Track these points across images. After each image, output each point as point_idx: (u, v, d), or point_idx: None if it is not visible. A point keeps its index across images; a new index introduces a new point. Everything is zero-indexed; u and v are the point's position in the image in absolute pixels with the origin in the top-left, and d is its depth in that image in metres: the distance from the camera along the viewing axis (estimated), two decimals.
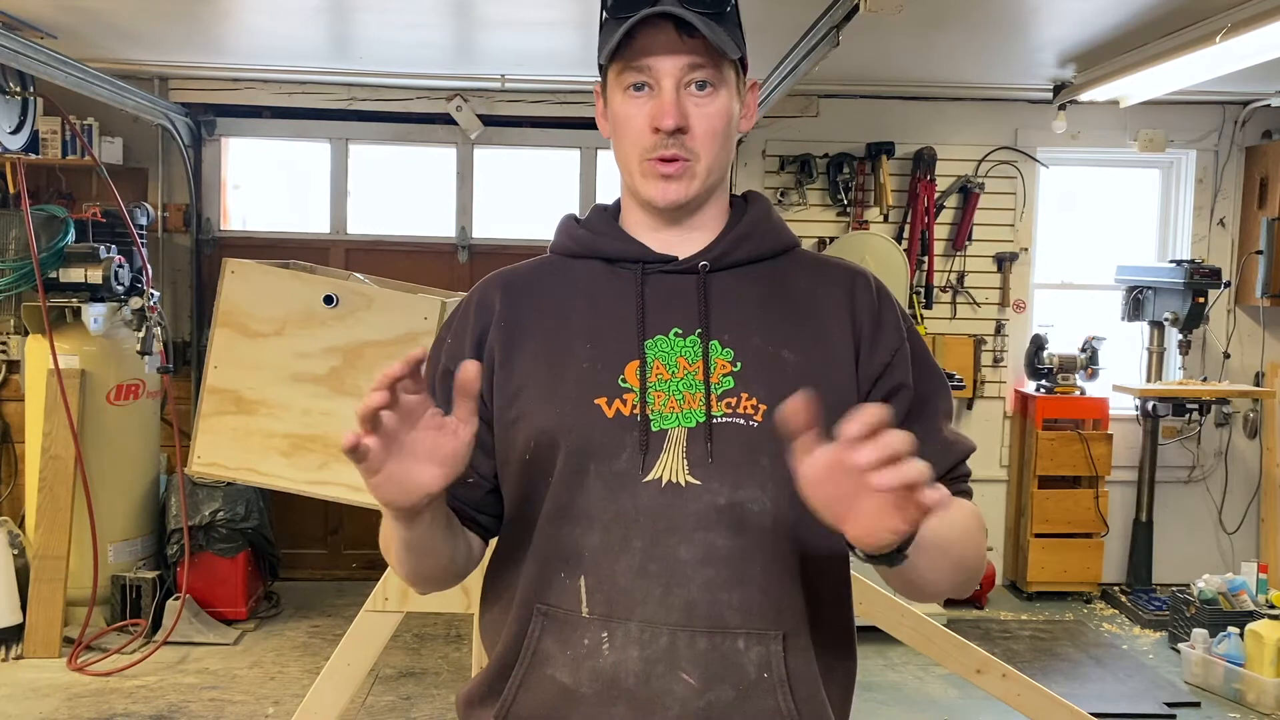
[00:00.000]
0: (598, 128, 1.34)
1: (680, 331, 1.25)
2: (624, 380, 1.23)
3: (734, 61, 1.25)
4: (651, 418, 1.21)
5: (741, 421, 1.21)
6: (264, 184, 5.92)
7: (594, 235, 1.32)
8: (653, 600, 1.18)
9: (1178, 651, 4.64)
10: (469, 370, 1.08)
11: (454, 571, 1.29)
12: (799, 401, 0.97)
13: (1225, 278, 5.43)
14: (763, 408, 1.21)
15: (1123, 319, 5.66)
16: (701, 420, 1.21)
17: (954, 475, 1.30)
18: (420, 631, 4.83)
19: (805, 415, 0.97)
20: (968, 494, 1.30)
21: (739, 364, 1.23)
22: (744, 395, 1.22)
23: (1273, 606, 4.63)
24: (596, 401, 1.22)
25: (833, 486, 0.98)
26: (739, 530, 1.19)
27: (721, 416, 1.21)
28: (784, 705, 1.20)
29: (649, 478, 1.20)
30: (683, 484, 1.20)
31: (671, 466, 1.20)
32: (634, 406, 1.22)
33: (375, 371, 2.84)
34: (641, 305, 1.26)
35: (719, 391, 1.22)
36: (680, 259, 1.28)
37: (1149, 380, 5.65)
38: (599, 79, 1.31)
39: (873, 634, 3.10)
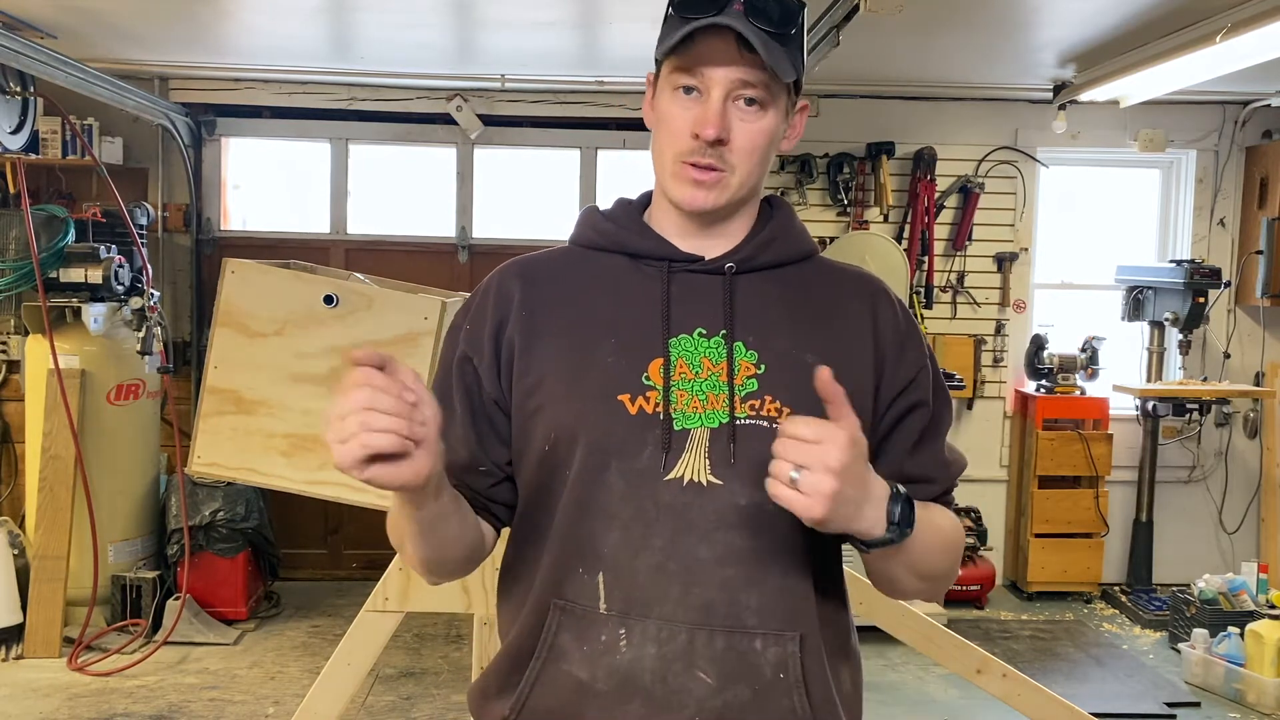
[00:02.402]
0: (594, 127, 1.35)
1: (704, 331, 1.25)
2: (647, 378, 1.23)
3: (787, 84, 1.25)
4: (674, 417, 1.21)
5: (765, 424, 1.21)
6: (264, 184, 5.91)
7: (619, 229, 1.32)
8: (671, 598, 1.19)
9: (1178, 651, 4.64)
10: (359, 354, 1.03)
11: (467, 557, 1.29)
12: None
13: (1225, 278, 5.43)
14: (786, 411, 1.22)
15: (1123, 319, 5.66)
16: (724, 421, 1.21)
17: (946, 494, 1.34)
18: (420, 631, 4.83)
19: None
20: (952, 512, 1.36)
21: (763, 366, 1.24)
22: (768, 398, 1.22)
23: (1273, 606, 4.63)
24: (620, 398, 1.22)
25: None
26: (758, 531, 1.20)
27: (745, 418, 1.21)
28: (799, 706, 1.20)
29: (670, 476, 1.20)
30: (704, 484, 1.20)
31: (693, 466, 1.20)
32: (657, 405, 1.21)
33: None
34: (667, 303, 1.26)
35: (743, 393, 1.22)
36: (706, 259, 1.28)
37: (1149, 380, 5.65)
38: (652, 69, 1.30)
39: (873, 634, 3.10)
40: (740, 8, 1.19)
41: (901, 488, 1.15)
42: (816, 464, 1.05)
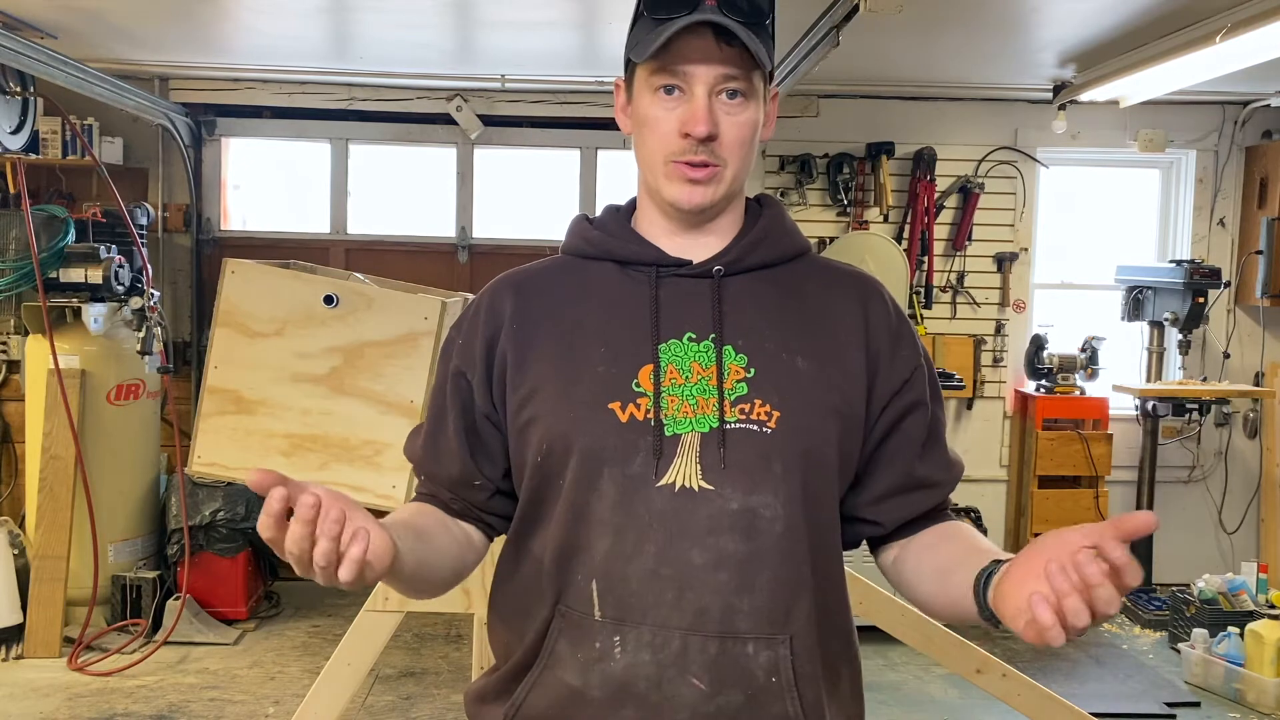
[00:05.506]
0: (594, 127, 1.35)
1: (694, 336, 1.25)
2: (638, 384, 1.23)
3: (764, 72, 1.25)
4: (665, 422, 1.21)
5: (755, 428, 1.21)
6: (264, 184, 5.91)
7: (607, 237, 1.32)
8: (665, 605, 1.19)
9: (1178, 651, 4.64)
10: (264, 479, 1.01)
11: (456, 572, 1.30)
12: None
13: (1225, 278, 5.43)
14: (776, 414, 1.22)
15: (1123, 319, 5.66)
16: (715, 426, 1.21)
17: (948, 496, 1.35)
18: (420, 631, 4.83)
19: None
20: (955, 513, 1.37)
21: (752, 370, 1.24)
22: (757, 401, 1.22)
23: (1273, 606, 4.63)
24: (610, 406, 1.22)
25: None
26: (751, 535, 1.19)
27: (735, 422, 1.21)
28: (792, 709, 1.21)
29: (662, 482, 1.20)
30: (696, 489, 1.20)
31: (685, 471, 1.20)
32: (648, 411, 1.22)
33: (375, 371, 2.85)
34: (655, 309, 1.26)
35: (732, 397, 1.22)
36: (694, 263, 1.28)
37: (1149, 380, 5.65)
38: (620, 75, 1.30)
39: (873, 634, 3.10)
40: (714, 2, 1.19)
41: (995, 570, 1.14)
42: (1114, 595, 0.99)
